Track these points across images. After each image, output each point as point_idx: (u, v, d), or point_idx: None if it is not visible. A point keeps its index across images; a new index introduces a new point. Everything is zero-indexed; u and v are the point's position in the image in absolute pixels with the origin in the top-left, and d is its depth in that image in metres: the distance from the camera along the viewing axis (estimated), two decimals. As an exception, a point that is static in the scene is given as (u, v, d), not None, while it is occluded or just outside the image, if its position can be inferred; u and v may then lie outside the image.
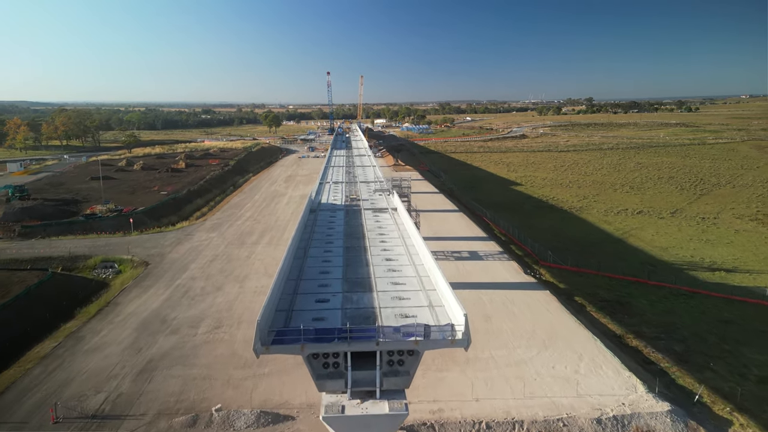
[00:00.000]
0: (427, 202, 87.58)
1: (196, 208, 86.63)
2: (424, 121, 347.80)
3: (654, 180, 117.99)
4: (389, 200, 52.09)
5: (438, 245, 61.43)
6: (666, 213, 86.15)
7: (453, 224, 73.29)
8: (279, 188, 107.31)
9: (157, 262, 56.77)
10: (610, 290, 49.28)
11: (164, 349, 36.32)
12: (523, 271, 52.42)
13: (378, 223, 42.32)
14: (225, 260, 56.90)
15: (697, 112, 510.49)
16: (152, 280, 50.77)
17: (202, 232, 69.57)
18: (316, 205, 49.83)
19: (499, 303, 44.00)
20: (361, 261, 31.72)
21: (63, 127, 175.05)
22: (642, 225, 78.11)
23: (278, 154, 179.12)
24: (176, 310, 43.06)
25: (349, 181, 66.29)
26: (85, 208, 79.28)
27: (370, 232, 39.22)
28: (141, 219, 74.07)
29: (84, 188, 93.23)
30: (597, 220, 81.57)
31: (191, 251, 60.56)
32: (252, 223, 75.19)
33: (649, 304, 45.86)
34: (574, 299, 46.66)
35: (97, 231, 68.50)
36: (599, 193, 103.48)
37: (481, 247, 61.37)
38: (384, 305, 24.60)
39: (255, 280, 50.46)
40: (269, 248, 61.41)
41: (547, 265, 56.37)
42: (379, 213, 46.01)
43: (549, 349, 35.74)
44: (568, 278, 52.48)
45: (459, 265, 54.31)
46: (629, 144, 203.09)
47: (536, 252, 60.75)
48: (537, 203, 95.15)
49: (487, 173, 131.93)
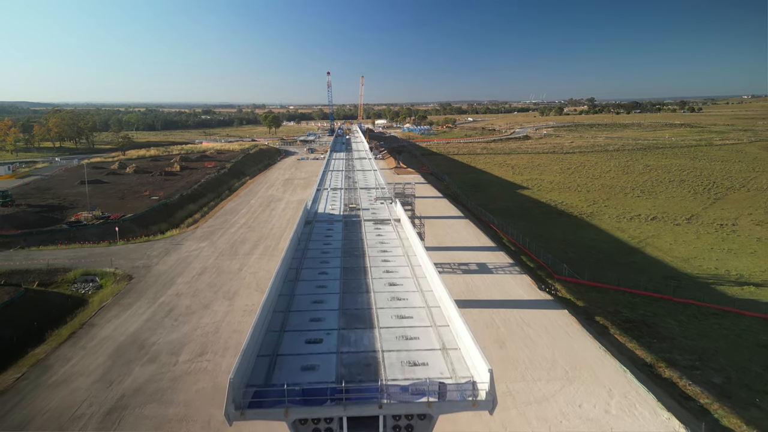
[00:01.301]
0: (430, 208, 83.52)
1: (188, 215, 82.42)
2: (425, 122, 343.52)
3: (665, 183, 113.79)
4: (391, 209, 48.00)
5: (443, 256, 57.35)
6: (681, 219, 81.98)
7: (459, 232, 69.16)
8: (276, 192, 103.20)
9: (142, 275, 52.68)
10: (633, 308, 45.12)
11: (139, 381, 32.23)
12: (538, 287, 48.27)
13: (380, 237, 38.25)
14: (215, 273, 52.82)
15: (701, 112, 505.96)
16: (134, 297, 46.68)
17: (193, 242, 65.47)
18: (312, 215, 45.76)
19: (513, 325, 39.89)
20: (361, 286, 27.65)
21: (56, 128, 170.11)
22: (658, 232, 73.95)
23: (277, 156, 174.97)
24: (157, 333, 38.97)
25: (348, 187, 62.23)
26: (71, 214, 75.14)
27: (371, 248, 35.16)
28: (128, 227, 69.93)
29: (72, 193, 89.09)
30: (610, 227, 77.42)
31: (179, 263, 56.48)
32: (246, 231, 71.08)
33: (679, 325, 41.70)
34: (594, 319, 42.50)
35: (81, 240, 64.30)
36: (609, 198, 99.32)
37: (490, 258, 57.24)
38: (388, 347, 20.52)
39: (245, 296, 46.39)
40: (263, 260, 57.32)
41: (562, 278, 52.23)
42: (380, 225, 41.95)
43: (574, 383, 31.60)
44: (585, 294, 48.34)
45: (467, 279, 50.19)
46: (635, 145, 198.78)
47: (549, 264, 56.63)
48: (545, 208, 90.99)
49: (492, 176, 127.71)
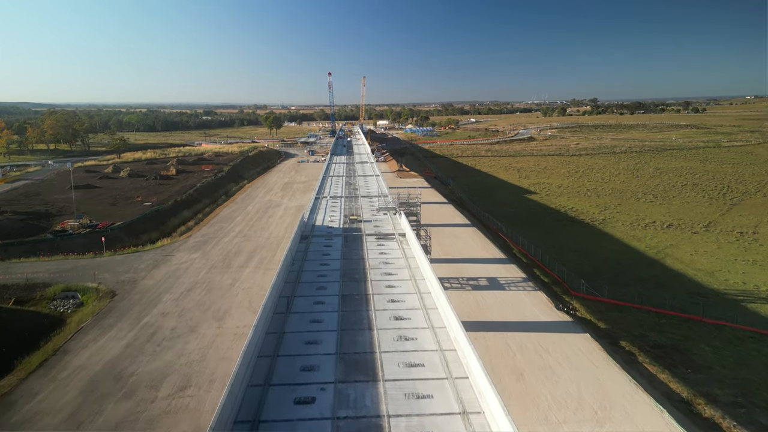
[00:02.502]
0: (435, 214, 79.69)
1: (181, 222, 78.68)
2: (427, 123, 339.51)
3: (678, 188, 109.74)
4: (395, 221, 44.21)
5: (450, 269, 53.53)
6: (699, 227, 77.98)
7: (466, 242, 65.29)
8: (274, 198, 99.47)
9: (127, 291, 48.94)
10: (661, 331, 41.20)
11: (111, 423, 28.45)
12: (555, 306, 44.37)
13: (383, 255, 34.45)
14: (205, 289, 49.04)
15: (705, 113, 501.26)
16: (115, 317, 42.93)
17: (184, 252, 61.72)
18: (309, 228, 41.98)
19: (531, 352, 36.03)
20: (362, 320, 23.85)
21: (51, 130, 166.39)
22: (676, 242, 69.96)
23: (276, 158, 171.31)
24: (136, 362, 35.20)
25: (349, 195, 58.46)
26: (58, 223, 71.49)
27: (374, 269, 31.36)
28: (117, 236, 66.24)
29: (61, 199, 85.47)
30: (624, 235, 73.43)
31: (168, 277, 52.73)
32: (241, 240, 67.32)
33: (713, 352, 37.78)
34: (620, 344, 38.60)
35: (65, 251, 60.55)
36: (621, 203, 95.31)
37: (501, 272, 53.37)
38: (395, 410, 16.63)
39: (237, 317, 42.60)
40: (257, 273, 53.56)
41: (580, 295, 48.32)
42: (384, 241, 38.15)
43: (605, 426, 27.72)
44: (606, 314, 44.42)
45: (477, 297, 46.31)
46: (642, 147, 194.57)
47: (565, 278, 52.72)
48: (555, 215, 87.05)
49: (498, 180, 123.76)
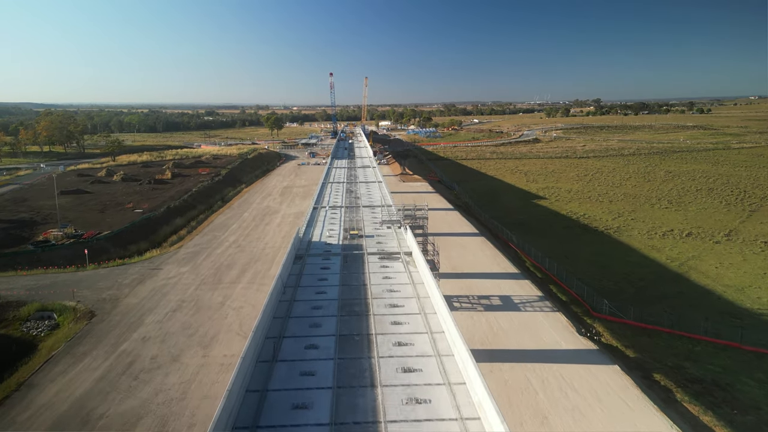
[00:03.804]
0: (440, 222, 75.55)
1: (173, 230, 74.63)
2: (430, 124, 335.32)
3: (692, 193, 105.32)
4: (400, 237, 40.04)
5: (459, 286, 49.36)
6: (719, 235, 73.64)
7: (475, 254, 61.10)
8: (272, 203, 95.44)
9: (107, 311, 44.92)
10: (697, 361, 36.95)
11: (71, 481, 24.44)
12: (577, 330, 40.17)
13: (388, 280, 30.28)
14: (192, 309, 44.97)
15: (710, 113, 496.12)
16: (91, 343, 38.89)
17: (173, 265, 57.69)
18: (304, 246, 37.83)
19: (554, 388, 31.85)
20: (364, 373, 19.57)
21: (45, 132, 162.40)
22: (698, 253, 65.65)
23: (276, 160, 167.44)
24: (108, 400, 31.13)
25: (349, 204, 54.33)
26: (42, 231, 67.48)
27: (377, 299, 27.21)
28: (103, 247, 62.22)
29: (48, 205, 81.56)
30: (642, 245, 69.13)
31: (153, 294, 48.69)
32: (235, 251, 63.27)
33: (759, 388, 33.52)
34: (653, 378, 34.39)
35: (46, 264, 56.56)
36: (635, 209, 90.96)
37: (515, 289, 49.17)
38: None
39: (224, 343, 38.53)
40: (250, 290, 49.48)
41: (603, 317, 44.08)
42: (388, 261, 33.97)
43: (649, 489, 23.58)
44: (634, 339, 40.20)
45: (490, 319, 42.14)
46: (651, 149, 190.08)
47: (584, 296, 48.48)
48: (567, 222, 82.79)
49: (505, 184, 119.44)
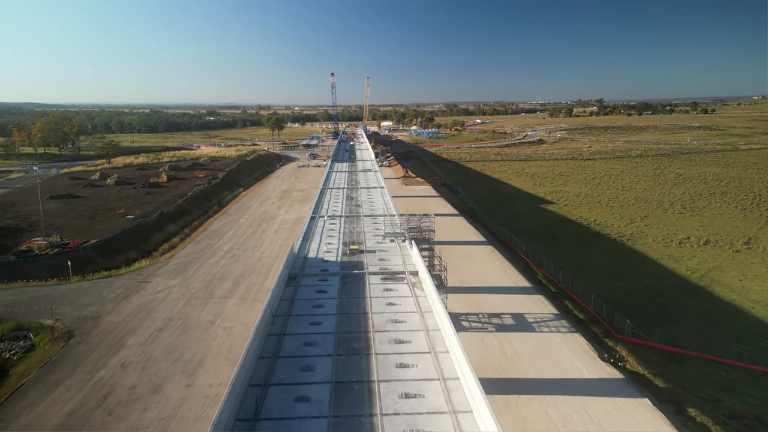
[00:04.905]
0: (446, 229, 71.82)
1: (166, 238, 71.15)
2: (433, 125, 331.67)
3: (706, 197, 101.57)
4: (405, 253, 36.48)
5: (468, 302, 45.81)
6: (739, 243, 69.98)
7: (483, 265, 57.53)
8: (270, 208, 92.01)
9: (87, 331, 41.49)
10: (733, 392, 33.35)
11: None
12: (598, 355, 36.59)
13: (392, 307, 26.78)
14: (179, 329, 41.52)
15: (714, 113, 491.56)
16: (66, 369, 35.45)
17: (162, 277, 54.27)
18: (299, 263, 34.32)
19: (579, 427, 28.29)
20: (365, 436, 16.22)
21: (40, 133, 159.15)
22: (718, 263, 62.00)
23: (276, 162, 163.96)
24: (77, 441, 27.74)
25: (350, 213, 50.83)
26: (26, 240, 64.09)
27: (380, 331, 23.74)
28: (89, 257, 58.84)
29: (37, 211, 78.18)
30: (658, 254, 65.49)
31: (138, 311, 45.27)
32: (228, 261, 59.82)
33: (809, 426, 29.96)
34: (687, 413, 30.82)
35: (27, 276, 53.13)
36: (647, 215, 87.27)
37: (528, 305, 45.59)
38: None
39: (211, 369, 35.04)
40: (242, 307, 46.00)
41: (626, 339, 40.47)
42: (392, 283, 30.45)
43: None
44: (662, 366, 36.61)
45: (503, 341, 38.58)
46: (658, 150, 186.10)
47: (603, 314, 44.87)
48: (577, 228, 79.16)
49: (511, 188, 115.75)
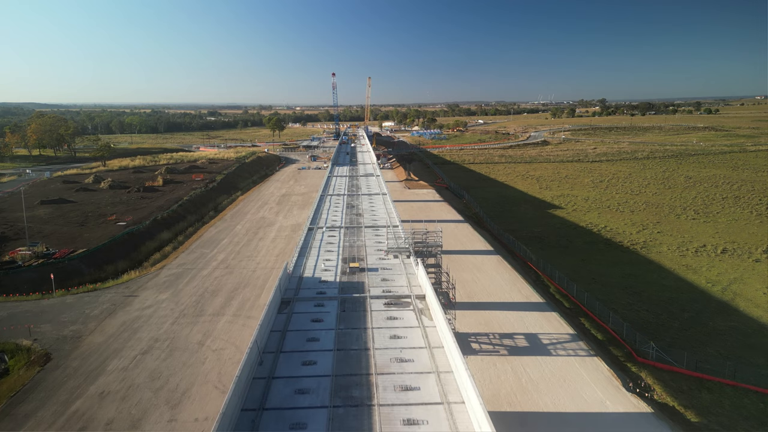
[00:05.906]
0: (451, 237, 68.69)
1: (158, 246, 67.97)
2: (435, 125, 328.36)
3: (719, 201, 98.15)
4: (409, 272, 33.32)
5: (477, 320, 42.63)
6: (758, 252, 66.65)
7: (492, 277, 54.29)
8: (268, 214, 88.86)
9: (65, 353, 38.39)
10: (775, 427, 30.15)
11: None
12: (622, 383, 33.37)
13: (397, 341, 23.59)
14: (165, 351, 38.38)
15: (718, 114, 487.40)
16: (39, 400, 32.34)
17: (151, 291, 51.16)
18: (293, 285, 31.10)
19: (607, 475, 25.12)
20: None
21: (34, 135, 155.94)
22: (739, 274, 58.68)
23: (276, 164, 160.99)
24: (42, 490, 24.62)
25: (350, 224, 47.64)
26: (10, 250, 60.94)
27: (383, 374, 20.53)
28: (76, 268, 55.74)
29: (26, 217, 75.19)
30: (675, 265, 62.15)
31: (123, 331, 42.15)
32: (222, 273, 56.69)
33: None
34: (727, 455, 27.63)
35: (8, 290, 50.02)
36: (660, 221, 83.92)
37: (542, 324, 42.35)
38: None
39: (198, 401, 31.88)
40: (235, 324, 42.85)
41: (650, 363, 37.21)
42: (396, 309, 27.26)
43: None
44: (692, 396, 33.36)
45: (516, 366, 35.37)
46: (665, 152, 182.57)
47: (624, 334, 41.59)
48: (588, 236, 75.81)
49: (517, 191, 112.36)
